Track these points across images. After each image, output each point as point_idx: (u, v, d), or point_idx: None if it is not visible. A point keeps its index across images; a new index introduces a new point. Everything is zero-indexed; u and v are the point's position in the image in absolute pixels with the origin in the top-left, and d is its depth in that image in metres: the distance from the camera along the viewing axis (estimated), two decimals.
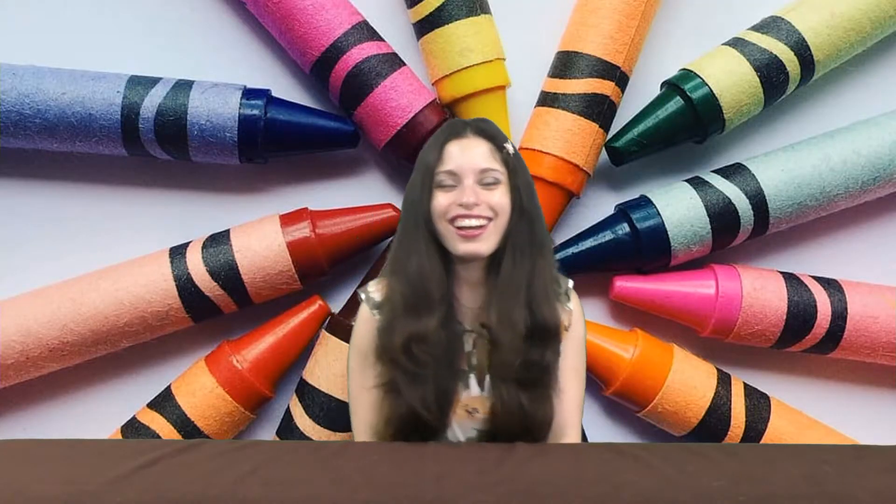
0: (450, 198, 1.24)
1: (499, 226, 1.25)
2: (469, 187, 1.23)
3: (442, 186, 1.26)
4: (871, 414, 1.95)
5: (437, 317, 1.24)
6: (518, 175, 1.28)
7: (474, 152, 1.26)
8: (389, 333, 1.25)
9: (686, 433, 1.82)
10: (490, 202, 1.24)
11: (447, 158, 1.26)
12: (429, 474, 1.07)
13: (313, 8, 1.74)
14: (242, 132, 1.74)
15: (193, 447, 1.16)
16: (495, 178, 1.26)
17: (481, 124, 1.32)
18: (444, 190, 1.25)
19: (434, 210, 1.25)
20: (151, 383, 1.85)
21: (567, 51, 1.83)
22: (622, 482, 1.07)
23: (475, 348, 1.31)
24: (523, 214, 1.27)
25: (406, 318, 1.24)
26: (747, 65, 1.78)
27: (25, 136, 1.75)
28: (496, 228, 1.24)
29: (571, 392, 1.33)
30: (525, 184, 1.29)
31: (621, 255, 1.83)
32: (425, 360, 1.23)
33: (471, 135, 1.29)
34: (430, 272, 1.24)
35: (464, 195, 1.23)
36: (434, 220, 1.25)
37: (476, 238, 1.23)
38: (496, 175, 1.26)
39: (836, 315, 1.80)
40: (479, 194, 1.23)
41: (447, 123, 1.34)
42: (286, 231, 1.76)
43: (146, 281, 1.74)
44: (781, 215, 1.81)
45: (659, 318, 1.88)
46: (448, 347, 1.26)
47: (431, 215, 1.25)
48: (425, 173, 1.27)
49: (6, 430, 1.87)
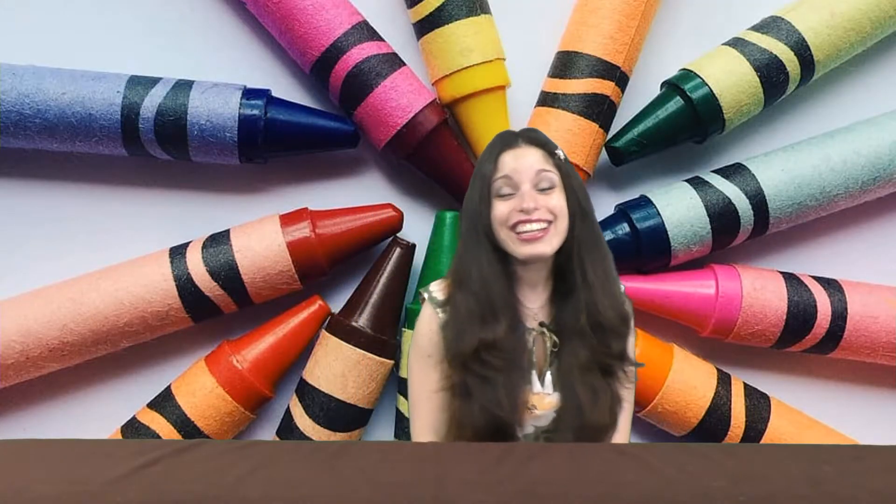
0: (509, 205, 1.27)
1: (559, 228, 1.28)
2: (527, 192, 1.27)
3: (500, 195, 1.29)
4: (871, 414, 1.95)
5: (504, 322, 1.28)
6: (572, 178, 1.32)
7: (528, 159, 1.30)
8: (459, 340, 1.29)
9: (686, 433, 1.82)
10: (548, 205, 1.27)
11: (502, 166, 1.30)
12: (429, 474, 1.07)
13: (313, 8, 1.74)
14: (242, 132, 1.74)
15: (193, 447, 1.16)
16: (551, 182, 1.29)
17: (532, 133, 1.36)
18: (502, 199, 1.29)
19: (495, 218, 1.28)
20: (151, 383, 1.85)
21: (567, 51, 1.83)
22: (622, 482, 1.07)
23: (534, 346, 1.34)
24: (586, 216, 1.31)
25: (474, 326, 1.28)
26: (747, 65, 1.78)
27: (25, 136, 1.75)
28: (556, 230, 1.28)
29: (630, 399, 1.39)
30: (580, 186, 1.33)
31: (621, 255, 1.81)
32: (498, 364, 1.27)
33: (523, 144, 1.32)
34: (493, 281, 1.29)
35: (523, 201, 1.26)
36: (495, 228, 1.29)
37: (539, 241, 1.26)
38: (551, 178, 1.29)
39: (836, 315, 1.80)
40: (537, 199, 1.27)
41: (498, 135, 1.38)
42: (286, 231, 1.76)
43: (146, 281, 1.74)
44: (781, 215, 1.81)
45: (659, 318, 1.88)
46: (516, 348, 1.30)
47: (492, 224, 1.29)
48: (482, 184, 1.30)
49: (6, 430, 1.88)
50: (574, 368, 1.29)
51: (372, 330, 1.78)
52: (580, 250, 1.29)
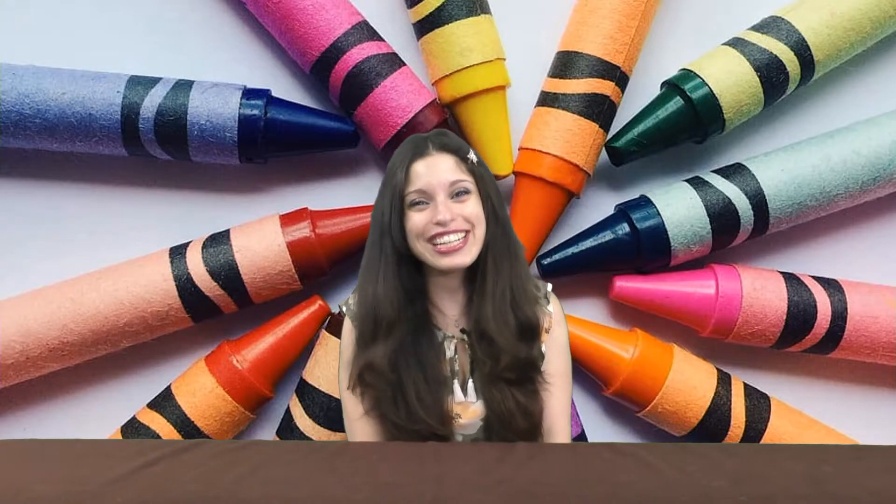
0: (425, 217, 1.25)
1: (477, 236, 1.26)
2: (442, 203, 1.24)
3: (414, 205, 1.26)
4: (871, 414, 1.95)
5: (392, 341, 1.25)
6: (486, 182, 1.30)
7: (440, 168, 1.26)
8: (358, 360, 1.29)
9: (686, 433, 1.82)
10: (464, 214, 1.25)
11: (414, 178, 1.26)
12: (429, 474, 1.07)
13: (313, 8, 1.74)
14: (242, 132, 1.74)
15: (193, 447, 1.16)
16: (465, 188, 1.27)
17: (443, 139, 1.32)
18: (416, 209, 1.26)
19: (410, 231, 1.26)
20: (151, 383, 1.85)
21: (567, 51, 1.83)
22: (622, 482, 1.07)
23: (456, 354, 1.32)
24: (498, 221, 1.29)
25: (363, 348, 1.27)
26: (747, 65, 1.78)
27: (25, 136, 1.75)
28: (475, 239, 1.26)
29: (558, 394, 1.34)
30: (494, 191, 1.31)
31: (621, 255, 1.83)
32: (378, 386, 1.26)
33: (434, 151, 1.29)
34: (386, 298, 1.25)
35: (438, 213, 1.23)
36: (411, 240, 1.26)
37: (457, 252, 1.24)
38: (466, 185, 1.27)
39: (836, 315, 1.80)
40: (452, 209, 1.24)
41: (407, 141, 1.34)
42: (286, 231, 1.76)
43: (146, 281, 1.74)
44: (781, 215, 1.81)
45: (659, 318, 1.88)
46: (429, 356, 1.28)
47: (407, 236, 1.26)
48: (393, 196, 1.27)
49: (6, 430, 1.87)
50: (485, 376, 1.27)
51: None
52: (489, 255, 1.27)
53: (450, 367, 1.31)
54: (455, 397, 1.30)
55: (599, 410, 1.94)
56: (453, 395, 1.30)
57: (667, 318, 1.87)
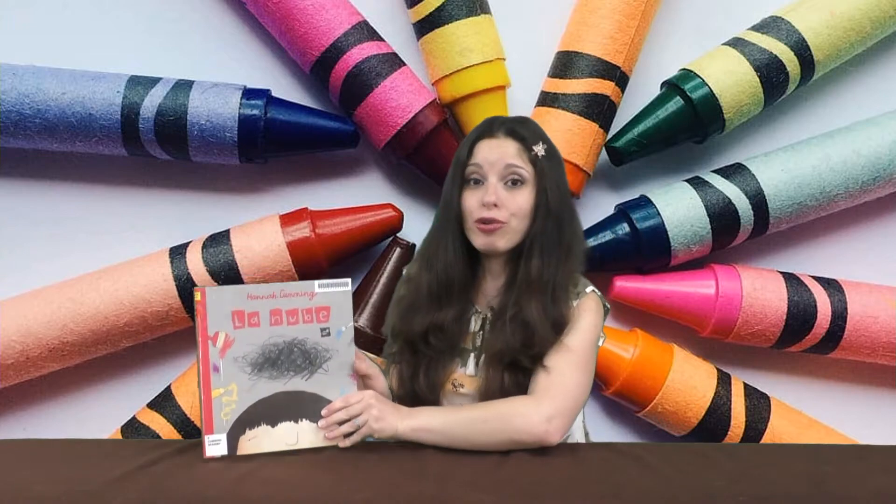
0: (476, 197, 1.28)
1: (516, 226, 1.28)
2: (492, 186, 1.27)
3: (469, 182, 1.30)
4: (871, 414, 1.95)
5: (456, 308, 1.32)
6: (546, 177, 1.30)
7: (501, 150, 1.29)
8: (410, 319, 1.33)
9: (686, 433, 1.82)
10: (509, 204, 1.27)
11: (475, 154, 1.31)
12: (429, 474, 1.07)
13: (313, 8, 1.74)
14: (242, 132, 1.74)
15: (193, 447, 1.16)
16: (520, 177, 1.28)
17: (515, 125, 1.34)
18: (471, 188, 1.30)
19: (463, 208, 1.30)
20: (151, 383, 1.85)
21: (567, 51, 1.83)
22: (622, 482, 1.07)
23: (481, 330, 1.35)
24: (549, 215, 1.29)
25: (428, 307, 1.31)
26: (747, 65, 1.78)
27: (25, 136, 1.75)
28: (513, 228, 1.28)
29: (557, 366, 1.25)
30: (555, 186, 1.31)
31: (621, 255, 1.83)
32: (440, 347, 1.31)
33: (501, 134, 1.31)
34: (454, 267, 1.31)
35: (487, 194, 1.27)
36: (464, 216, 1.31)
37: (493, 232, 1.27)
38: (521, 173, 1.28)
39: (836, 315, 1.80)
40: (500, 195, 1.27)
41: (484, 121, 1.37)
42: (286, 231, 1.76)
43: (146, 281, 1.74)
44: (781, 215, 1.81)
45: (659, 318, 1.88)
46: (457, 331, 1.33)
47: (462, 211, 1.30)
48: (455, 168, 1.32)
49: (6, 430, 1.87)
50: (486, 356, 1.30)
51: (372, 330, 1.78)
52: (532, 248, 1.28)
53: (472, 342, 1.35)
54: (467, 369, 1.33)
55: (599, 410, 1.94)
56: (465, 367, 1.33)
57: (667, 318, 1.87)
